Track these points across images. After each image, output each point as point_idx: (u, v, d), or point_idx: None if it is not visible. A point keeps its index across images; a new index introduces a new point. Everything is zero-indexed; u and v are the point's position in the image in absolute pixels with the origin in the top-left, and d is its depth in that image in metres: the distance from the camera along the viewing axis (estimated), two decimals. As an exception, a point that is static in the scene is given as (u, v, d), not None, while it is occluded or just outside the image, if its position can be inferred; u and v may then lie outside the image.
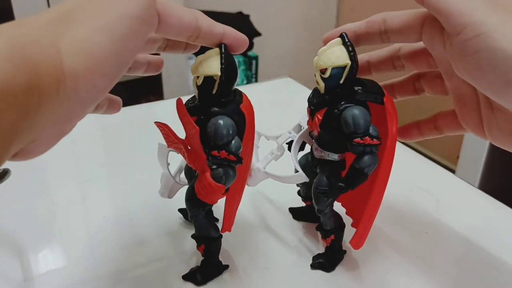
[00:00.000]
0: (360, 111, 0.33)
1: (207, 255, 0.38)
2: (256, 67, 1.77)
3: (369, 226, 0.36)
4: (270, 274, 0.39)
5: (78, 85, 0.23)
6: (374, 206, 0.35)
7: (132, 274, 0.38)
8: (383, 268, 0.39)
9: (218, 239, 0.38)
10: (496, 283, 0.38)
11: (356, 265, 0.40)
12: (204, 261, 0.38)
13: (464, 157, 1.36)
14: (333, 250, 0.39)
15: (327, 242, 0.39)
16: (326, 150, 0.35)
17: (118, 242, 0.42)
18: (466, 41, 0.27)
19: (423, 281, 0.38)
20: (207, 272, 0.38)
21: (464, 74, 0.29)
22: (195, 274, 0.37)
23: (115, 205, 0.48)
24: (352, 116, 0.32)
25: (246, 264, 0.40)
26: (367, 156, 0.33)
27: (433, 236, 0.43)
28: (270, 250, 0.41)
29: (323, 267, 0.39)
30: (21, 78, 0.20)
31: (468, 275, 0.39)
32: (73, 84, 0.22)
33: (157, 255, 0.40)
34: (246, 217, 0.45)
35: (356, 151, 0.33)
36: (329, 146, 0.35)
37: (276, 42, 1.98)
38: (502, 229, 0.44)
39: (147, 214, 0.45)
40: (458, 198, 0.49)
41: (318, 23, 2.07)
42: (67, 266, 0.40)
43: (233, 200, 0.37)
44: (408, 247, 0.41)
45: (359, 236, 0.36)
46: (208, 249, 0.37)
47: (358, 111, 0.33)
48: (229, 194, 0.36)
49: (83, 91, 0.23)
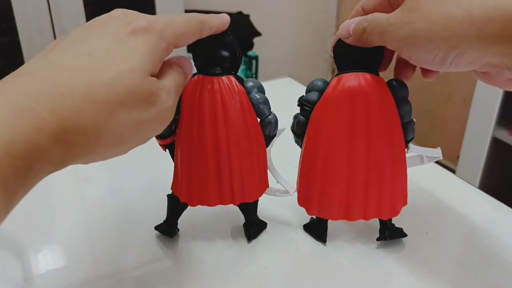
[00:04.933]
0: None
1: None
2: (256, 67, 1.77)
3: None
4: (270, 274, 0.39)
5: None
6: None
7: (132, 274, 0.38)
8: (383, 268, 0.39)
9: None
10: (496, 283, 0.38)
11: (356, 265, 0.40)
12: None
13: (464, 157, 1.36)
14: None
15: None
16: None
17: (118, 242, 0.42)
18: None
19: (423, 281, 0.38)
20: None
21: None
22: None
23: (115, 205, 0.48)
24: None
25: (246, 264, 0.40)
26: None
27: (433, 236, 0.43)
28: (270, 250, 0.41)
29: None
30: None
31: (468, 275, 0.39)
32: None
33: (157, 255, 0.40)
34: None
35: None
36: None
37: (276, 42, 1.98)
38: (502, 229, 0.44)
39: (147, 214, 0.45)
40: (458, 198, 0.49)
41: (318, 23, 2.07)
42: (67, 266, 0.40)
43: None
44: (408, 247, 0.41)
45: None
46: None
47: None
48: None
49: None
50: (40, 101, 0.22)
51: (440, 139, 1.71)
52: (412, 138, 0.38)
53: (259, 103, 0.36)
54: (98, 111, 0.24)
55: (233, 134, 0.36)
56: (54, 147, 0.22)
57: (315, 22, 2.06)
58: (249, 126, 0.36)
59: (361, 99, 0.35)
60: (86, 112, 0.24)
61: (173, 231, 0.42)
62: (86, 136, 0.24)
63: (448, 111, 1.67)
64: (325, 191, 0.38)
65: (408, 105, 0.36)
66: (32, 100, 0.22)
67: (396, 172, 0.38)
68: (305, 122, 0.38)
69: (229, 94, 0.35)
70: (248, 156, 0.37)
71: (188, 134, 0.36)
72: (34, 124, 0.22)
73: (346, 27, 0.35)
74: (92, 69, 0.25)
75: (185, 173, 0.38)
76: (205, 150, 0.36)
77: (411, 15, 0.30)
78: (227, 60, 0.35)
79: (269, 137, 0.39)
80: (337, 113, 0.36)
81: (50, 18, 1.25)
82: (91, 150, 0.25)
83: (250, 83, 0.37)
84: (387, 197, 0.38)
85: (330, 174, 0.37)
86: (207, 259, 0.40)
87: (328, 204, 0.39)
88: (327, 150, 0.37)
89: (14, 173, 0.21)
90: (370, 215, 0.39)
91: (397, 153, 0.37)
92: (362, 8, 0.36)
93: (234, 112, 0.35)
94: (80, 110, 0.23)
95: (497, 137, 1.27)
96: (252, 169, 0.38)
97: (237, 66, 0.36)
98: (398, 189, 0.38)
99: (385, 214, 0.39)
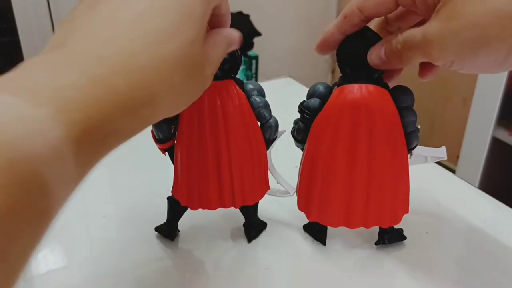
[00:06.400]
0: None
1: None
2: (256, 67, 1.77)
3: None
4: (271, 275, 0.39)
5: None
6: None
7: (132, 274, 0.38)
8: (383, 268, 0.39)
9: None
10: (496, 283, 0.38)
11: (356, 265, 0.40)
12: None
13: (464, 157, 1.36)
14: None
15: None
16: None
17: (118, 242, 0.42)
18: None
19: (423, 281, 0.38)
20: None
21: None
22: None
23: (115, 205, 0.48)
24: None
25: (246, 264, 0.40)
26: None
27: (433, 236, 0.43)
28: (271, 250, 0.41)
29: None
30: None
31: (468, 275, 0.39)
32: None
33: (157, 255, 0.40)
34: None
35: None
36: None
37: (276, 42, 1.98)
38: (502, 229, 0.44)
39: (147, 213, 0.45)
40: (458, 198, 0.49)
41: (318, 23, 2.06)
42: (67, 266, 0.40)
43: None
44: (408, 247, 0.41)
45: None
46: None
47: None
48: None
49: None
50: (117, 72, 0.22)
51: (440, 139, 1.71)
52: (416, 146, 0.37)
53: (259, 107, 0.36)
54: (163, 82, 0.23)
55: (233, 139, 0.36)
56: (127, 121, 0.22)
57: (315, 22, 2.06)
58: (249, 129, 0.36)
59: (363, 111, 0.34)
60: (156, 85, 0.23)
61: (174, 233, 0.42)
62: (153, 110, 0.23)
63: (448, 111, 1.67)
64: (326, 199, 0.38)
65: (412, 115, 0.36)
66: (108, 70, 0.22)
67: (398, 181, 0.37)
68: (304, 129, 0.37)
69: (229, 98, 0.35)
70: (249, 160, 0.37)
71: (188, 139, 0.36)
72: (110, 98, 0.21)
73: (376, 54, 0.33)
74: (160, 38, 0.24)
75: (185, 177, 0.38)
76: (205, 155, 0.36)
77: (454, 24, 0.28)
78: (226, 62, 0.35)
79: (270, 140, 0.38)
80: (339, 125, 0.35)
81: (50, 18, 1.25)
82: (150, 123, 0.24)
83: (250, 86, 0.36)
84: (388, 206, 0.38)
85: (330, 183, 0.37)
86: (207, 259, 0.40)
87: (329, 212, 0.39)
88: (328, 161, 0.36)
89: (90, 145, 0.21)
90: (371, 223, 0.39)
91: (399, 162, 0.36)
92: (359, 9, 0.33)
93: (233, 116, 0.35)
94: (151, 83, 0.23)
95: (497, 137, 1.27)
96: (252, 172, 0.38)
97: (236, 68, 0.36)
98: (399, 197, 0.38)
99: (386, 222, 0.39)
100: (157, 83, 0.23)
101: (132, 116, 0.22)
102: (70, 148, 0.19)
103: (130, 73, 0.22)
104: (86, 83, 0.21)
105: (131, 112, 0.22)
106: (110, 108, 0.21)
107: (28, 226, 0.18)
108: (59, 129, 0.19)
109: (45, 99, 0.19)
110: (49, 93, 0.19)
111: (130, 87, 0.22)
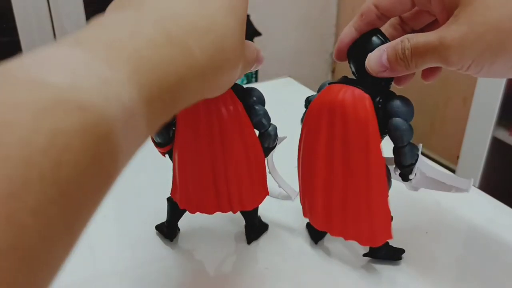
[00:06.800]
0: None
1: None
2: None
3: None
4: (271, 275, 0.39)
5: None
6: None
7: (132, 274, 0.38)
8: (383, 268, 0.39)
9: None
10: (496, 283, 0.38)
11: (355, 265, 0.40)
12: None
13: (464, 157, 1.36)
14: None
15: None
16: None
17: (119, 242, 0.42)
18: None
19: (423, 281, 0.38)
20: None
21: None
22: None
23: (115, 205, 0.48)
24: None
25: (246, 264, 0.40)
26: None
27: (433, 236, 0.43)
28: (271, 251, 0.41)
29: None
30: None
31: (468, 275, 0.39)
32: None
33: (157, 255, 0.40)
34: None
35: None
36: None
37: (276, 42, 1.97)
38: (502, 229, 0.44)
39: (147, 213, 0.45)
40: (458, 198, 0.49)
41: (318, 23, 2.06)
42: (67, 266, 0.39)
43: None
44: (409, 247, 0.41)
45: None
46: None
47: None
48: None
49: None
50: (192, 35, 0.21)
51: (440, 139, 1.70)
52: (411, 164, 0.34)
53: (258, 115, 0.35)
54: (227, 53, 0.23)
55: (229, 144, 0.35)
56: (194, 86, 0.22)
57: (315, 22, 2.06)
58: (245, 135, 0.35)
59: (338, 114, 0.33)
60: (223, 54, 0.23)
61: (173, 234, 0.42)
62: (212, 82, 0.23)
63: (448, 111, 1.67)
64: (311, 199, 0.38)
65: (401, 129, 0.33)
66: (184, 32, 0.21)
67: (375, 194, 0.35)
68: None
69: (224, 104, 0.34)
70: (245, 165, 0.36)
71: (184, 144, 0.36)
72: (186, 60, 0.21)
73: (376, 61, 0.31)
74: (225, 13, 0.24)
75: (183, 181, 0.37)
76: (201, 160, 0.36)
77: (476, 28, 0.27)
78: None
79: (269, 148, 0.37)
80: (319, 125, 0.34)
81: (50, 18, 1.25)
82: (203, 96, 0.24)
83: (249, 93, 0.35)
84: (365, 222, 0.36)
85: (313, 184, 0.37)
86: (207, 259, 0.40)
87: (313, 213, 0.39)
88: (310, 160, 0.36)
89: (161, 108, 0.20)
90: (349, 236, 0.38)
91: (374, 173, 0.34)
92: (376, 5, 0.32)
93: (228, 122, 0.34)
94: (222, 52, 0.23)
95: (497, 137, 1.27)
96: (250, 177, 0.37)
97: None
98: (378, 215, 0.36)
99: (363, 240, 0.38)
100: (223, 53, 0.23)
101: (201, 81, 0.22)
102: (143, 111, 0.19)
103: (205, 35, 0.22)
104: (163, 42, 0.20)
105: (200, 77, 0.22)
106: (184, 71, 0.21)
107: (94, 195, 0.17)
108: (135, 91, 0.18)
109: (121, 59, 0.18)
110: (126, 53, 0.19)
111: (203, 52, 0.22)
